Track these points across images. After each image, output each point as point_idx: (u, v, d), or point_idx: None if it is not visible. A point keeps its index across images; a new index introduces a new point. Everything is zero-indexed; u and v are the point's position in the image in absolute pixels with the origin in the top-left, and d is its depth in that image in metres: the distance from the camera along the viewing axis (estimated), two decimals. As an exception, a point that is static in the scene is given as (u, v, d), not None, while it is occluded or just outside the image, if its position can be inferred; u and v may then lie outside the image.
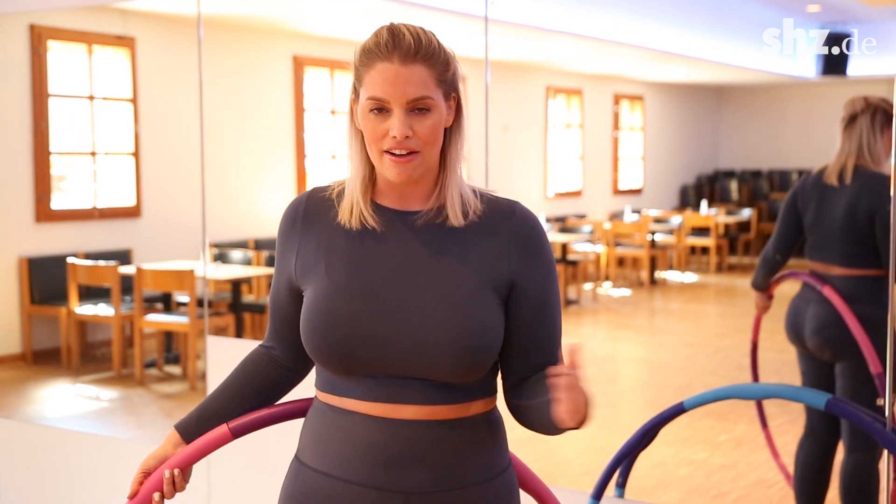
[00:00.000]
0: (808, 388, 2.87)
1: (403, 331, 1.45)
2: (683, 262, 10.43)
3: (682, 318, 8.54)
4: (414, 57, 1.45)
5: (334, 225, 1.53)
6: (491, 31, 3.18)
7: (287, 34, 7.77)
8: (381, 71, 1.46)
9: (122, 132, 6.86)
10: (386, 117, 1.45)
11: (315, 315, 1.48)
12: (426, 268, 1.49)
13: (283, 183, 7.84)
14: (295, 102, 7.90)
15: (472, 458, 1.49)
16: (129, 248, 6.81)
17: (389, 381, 1.47)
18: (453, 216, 1.50)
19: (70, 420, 5.21)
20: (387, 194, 1.53)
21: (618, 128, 11.59)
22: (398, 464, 1.45)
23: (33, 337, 6.27)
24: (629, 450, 2.53)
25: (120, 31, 6.74)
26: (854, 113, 3.14)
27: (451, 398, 1.48)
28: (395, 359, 1.45)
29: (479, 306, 1.47)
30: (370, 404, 1.48)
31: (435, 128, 1.47)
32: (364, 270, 1.49)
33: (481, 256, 1.50)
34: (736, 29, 6.90)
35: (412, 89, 1.45)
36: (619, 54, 9.31)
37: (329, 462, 1.49)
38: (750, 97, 12.20)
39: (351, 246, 1.51)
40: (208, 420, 1.63)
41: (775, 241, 3.31)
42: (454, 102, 1.52)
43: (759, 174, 12.18)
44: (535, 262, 1.52)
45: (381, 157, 1.47)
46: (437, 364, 1.45)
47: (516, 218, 1.53)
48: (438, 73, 1.48)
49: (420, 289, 1.47)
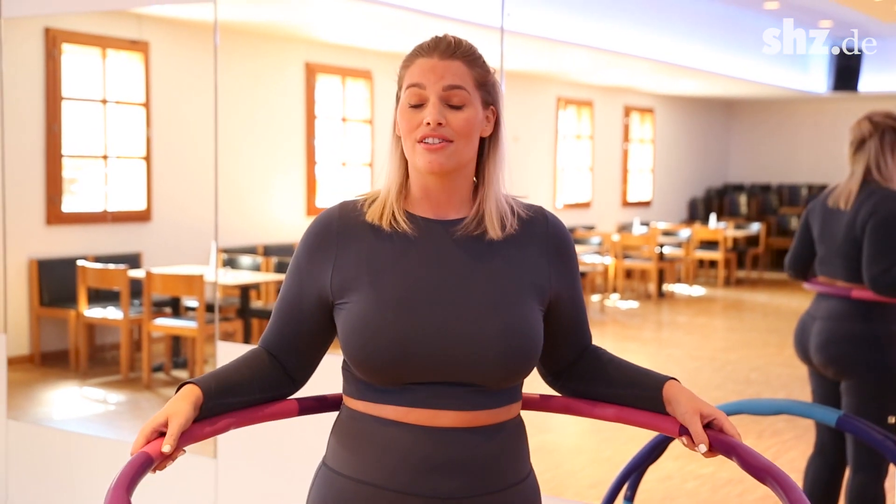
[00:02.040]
0: (819, 405, 2.86)
1: (452, 338, 1.47)
2: (691, 275, 10.41)
3: (689, 332, 8.52)
4: (453, 53, 1.52)
5: (371, 237, 1.54)
6: (505, 41, 3.19)
7: (300, 41, 7.80)
8: (420, 64, 1.52)
9: (134, 136, 6.89)
10: (422, 110, 1.50)
11: (364, 328, 1.48)
12: (469, 276, 1.51)
13: (293, 189, 7.85)
14: (306, 109, 7.92)
15: (504, 463, 1.51)
16: (139, 251, 6.83)
17: (430, 388, 1.48)
18: (492, 229, 1.53)
19: (77, 422, 5.21)
20: (421, 203, 1.55)
21: (628, 140, 11.59)
22: (436, 471, 1.47)
23: (42, 339, 6.29)
24: (638, 463, 2.52)
25: (134, 36, 6.78)
26: (862, 137, 3.13)
27: (488, 403, 1.50)
28: (443, 366, 1.47)
29: (523, 311, 1.51)
30: (409, 411, 1.48)
31: (469, 121, 1.50)
32: (409, 281, 1.51)
33: (521, 265, 1.54)
34: (747, 43, 6.90)
35: (449, 77, 1.50)
36: (631, 66, 9.32)
37: (366, 470, 1.49)
38: (760, 111, 12.19)
39: (394, 258, 1.52)
40: (226, 394, 1.54)
41: (790, 254, 3.34)
42: (493, 115, 1.56)
43: (769, 188, 12.16)
44: (570, 266, 1.60)
45: (415, 147, 1.50)
46: (486, 368, 1.48)
47: (549, 226, 1.59)
48: (477, 74, 1.53)
49: (465, 296, 1.50)
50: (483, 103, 1.54)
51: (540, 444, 1.64)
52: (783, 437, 4.68)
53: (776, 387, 5.80)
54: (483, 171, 1.56)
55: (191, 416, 1.47)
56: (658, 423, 1.55)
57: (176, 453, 1.45)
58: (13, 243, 6.32)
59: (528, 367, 1.52)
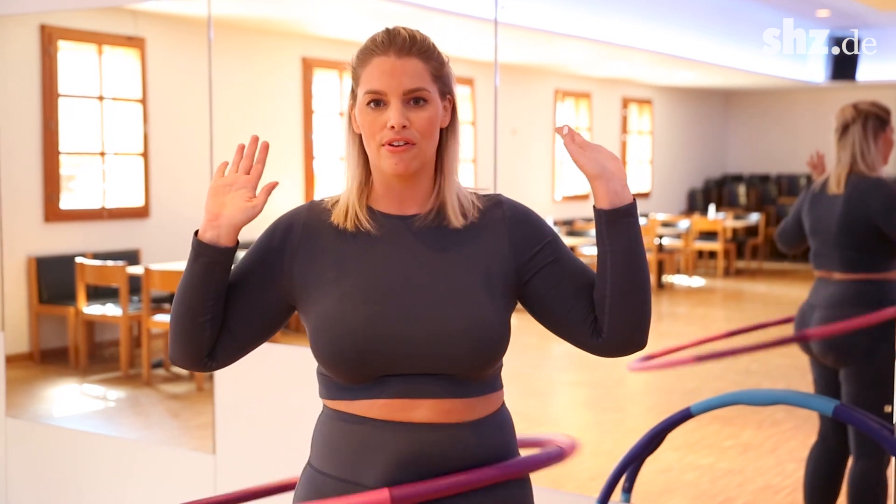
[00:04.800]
0: (817, 395, 2.86)
1: (419, 327, 1.47)
2: (691, 266, 10.42)
3: (688, 322, 8.53)
4: (409, 50, 1.50)
5: (336, 236, 1.55)
6: (500, 34, 3.18)
7: (296, 36, 7.78)
8: (377, 65, 1.50)
9: (131, 132, 6.88)
10: (383, 110, 1.49)
11: (332, 323, 1.49)
12: (432, 269, 1.51)
13: (291, 185, 7.84)
14: (304, 104, 7.90)
15: (485, 459, 1.51)
16: (138, 248, 6.82)
17: (401, 379, 1.48)
18: (453, 217, 1.53)
19: (77, 420, 5.22)
20: (384, 199, 1.55)
21: (626, 131, 11.58)
22: (413, 464, 1.47)
23: (41, 336, 6.28)
24: (635, 455, 2.52)
25: (130, 32, 6.76)
26: (845, 123, 3.16)
27: (463, 393, 1.50)
28: (411, 358, 1.47)
29: (484, 300, 1.50)
30: (384, 404, 1.49)
31: (431, 120, 1.50)
32: (374, 276, 1.51)
33: (482, 254, 1.54)
34: (745, 33, 6.88)
35: (408, 80, 1.48)
36: (628, 58, 9.30)
37: (344, 468, 1.50)
38: (759, 102, 12.17)
39: (358, 256, 1.53)
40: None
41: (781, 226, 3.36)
42: (450, 104, 1.55)
43: (768, 178, 12.15)
44: (537, 237, 1.57)
45: (379, 151, 1.50)
46: (453, 358, 1.47)
47: (506, 210, 1.57)
48: (434, 68, 1.52)
49: (430, 287, 1.50)
50: (440, 94, 1.53)
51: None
52: (783, 427, 4.69)
53: (776, 377, 5.80)
54: (441, 161, 1.56)
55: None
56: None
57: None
58: (11, 241, 6.32)
59: (495, 354, 1.51)
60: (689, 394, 5.46)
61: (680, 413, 2.45)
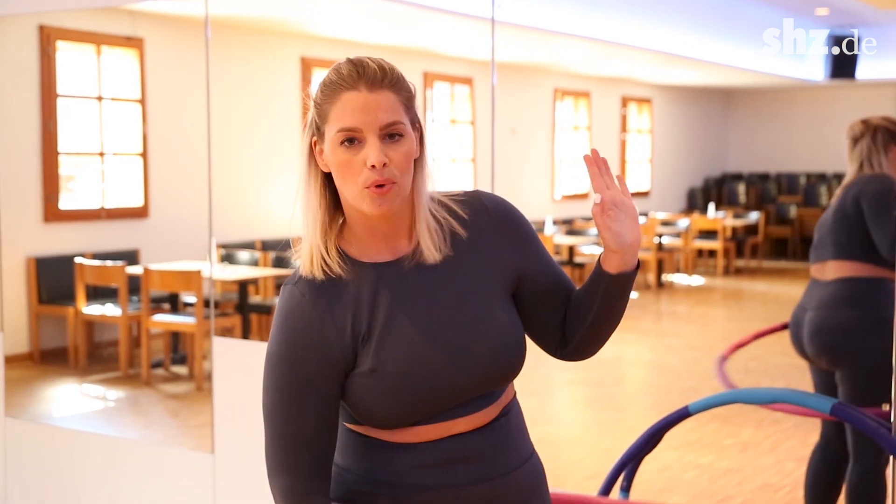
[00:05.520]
0: (814, 394, 2.86)
1: (456, 370, 1.46)
2: (690, 265, 10.42)
3: (688, 322, 8.53)
4: (381, 83, 1.41)
5: (347, 299, 1.47)
6: (498, 33, 3.18)
7: (295, 35, 7.78)
8: (348, 100, 1.41)
9: (130, 133, 6.88)
10: (358, 149, 1.41)
11: (389, 395, 1.44)
12: (444, 304, 1.48)
13: (290, 184, 7.82)
14: (303, 104, 7.90)
15: (510, 447, 1.53)
16: (137, 248, 6.83)
17: (444, 412, 1.49)
18: (429, 254, 1.47)
19: (77, 419, 5.22)
20: (370, 246, 1.48)
21: (625, 130, 11.58)
22: (446, 466, 1.48)
23: (41, 336, 6.29)
24: (633, 453, 2.52)
25: (128, 32, 6.76)
26: (855, 137, 3.22)
27: (493, 399, 1.52)
28: (453, 396, 1.47)
29: (500, 316, 1.51)
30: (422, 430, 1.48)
31: (408, 155, 1.43)
32: (402, 334, 1.46)
33: (486, 269, 1.52)
34: (744, 32, 6.88)
35: (384, 115, 1.40)
36: (628, 57, 9.30)
37: (376, 469, 1.50)
38: (758, 100, 12.17)
39: (379, 312, 1.47)
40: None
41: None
42: (418, 133, 1.48)
43: (767, 177, 12.16)
44: (522, 234, 1.56)
45: (361, 193, 1.41)
46: (488, 381, 1.49)
47: (491, 211, 1.54)
48: (405, 98, 1.44)
49: (450, 325, 1.48)
50: (412, 125, 1.46)
51: (539, 435, 1.65)
52: (782, 426, 4.69)
53: (774, 376, 5.80)
54: (414, 192, 1.47)
55: None
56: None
57: None
58: (10, 241, 6.32)
59: (520, 364, 1.53)
60: (687, 392, 5.47)
61: (678, 412, 2.45)
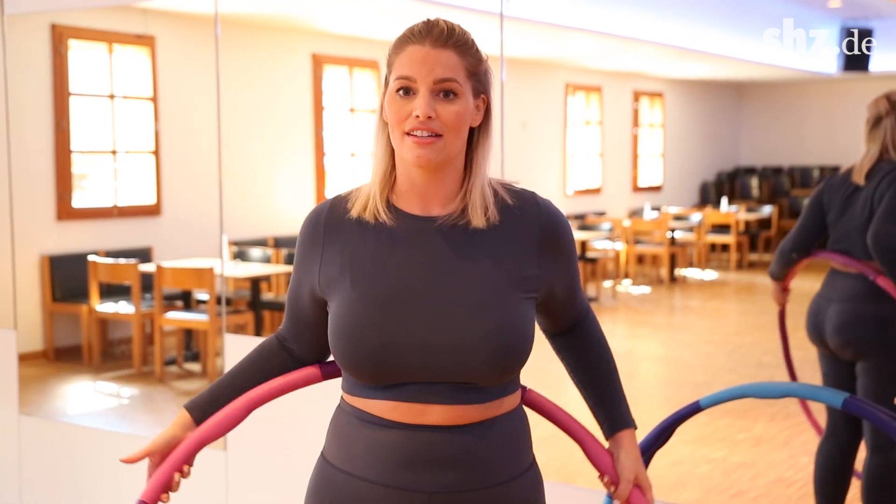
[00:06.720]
0: (826, 388, 2.84)
1: (435, 336, 1.44)
2: (703, 259, 10.38)
3: (701, 316, 8.50)
4: (445, 42, 1.46)
5: (357, 234, 1.51)
6: (508, 28, 3.18)
7: (306, 32, 7.79)
8: (410, 52, 1.46)
9: (142, 131, 6.90)
10: (411, 99, 1.45)
11: (344, 328, 1.47)
12: (453, 270, 1.47)
13: (302, 181, 7.85)
14: (314, 100, 7.91)
15: (494, 459, 1.48)
16: (150, 246, 6.85)
17: (418, 386, 1.46)
18: (476, 218, 1.49)
19: (91, 417, 5.24)
20: (407, 197, 1.51)
21: (637, 125, 11.54)
22: (422, 466, 1.45)
23: (55, 334, 6.32)
24: (645, 448, 2.51)
25: (140, 30, 6.78)
26: (879, 115, 3.09)
27: (478, 399, 1.47)
28: (427, 365, 1.44)
29: (511, 307, 1.47)
30: (397, 406, 1.47)
31: (460, 115, 1.45)
32: (390, 278, 1.48)
33: (509, 258, 1.50)
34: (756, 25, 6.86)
35: (440, 70, 1.44)
36: (639, 51, 9.27)
37: (354, 463, 1.49)
38: (771, 93, 12.11)
39: (375, 254, 1.49)
40: (220, 403, 1.59)
41: (794, 236, 3.26)
42: (483, 104, 1.51)
43: (780, 171, 12.09)
44: (565, 255, 1.57)
45: (403, 140, 1.46)
46: (472, 366, 1.44)
47: (542, 214, 1.54)
48: (469, 63, 1.47)
49: (449, 292, 1.46)
50: (474, 92, 1.49)
51: (550, 431, 1.64)
52: (796, 420, 4.66)
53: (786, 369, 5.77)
54: (471, 161, 1.51)
55: (171, 436, 1.57)
56: (596, 453, 1.62)
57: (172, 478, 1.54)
58: (24, 240, 6.35)
59: (517, 363, 1.49)
60: (700, 387, 5.45)
61: (689, 406, 2.44)
